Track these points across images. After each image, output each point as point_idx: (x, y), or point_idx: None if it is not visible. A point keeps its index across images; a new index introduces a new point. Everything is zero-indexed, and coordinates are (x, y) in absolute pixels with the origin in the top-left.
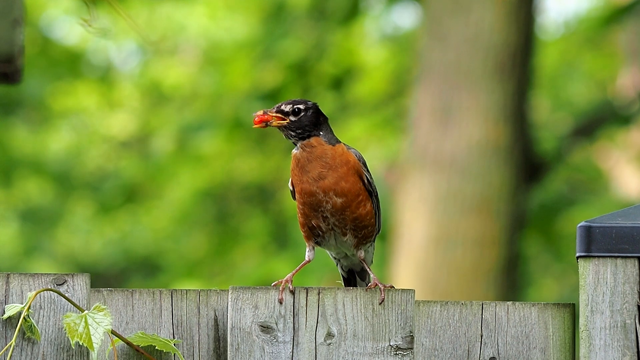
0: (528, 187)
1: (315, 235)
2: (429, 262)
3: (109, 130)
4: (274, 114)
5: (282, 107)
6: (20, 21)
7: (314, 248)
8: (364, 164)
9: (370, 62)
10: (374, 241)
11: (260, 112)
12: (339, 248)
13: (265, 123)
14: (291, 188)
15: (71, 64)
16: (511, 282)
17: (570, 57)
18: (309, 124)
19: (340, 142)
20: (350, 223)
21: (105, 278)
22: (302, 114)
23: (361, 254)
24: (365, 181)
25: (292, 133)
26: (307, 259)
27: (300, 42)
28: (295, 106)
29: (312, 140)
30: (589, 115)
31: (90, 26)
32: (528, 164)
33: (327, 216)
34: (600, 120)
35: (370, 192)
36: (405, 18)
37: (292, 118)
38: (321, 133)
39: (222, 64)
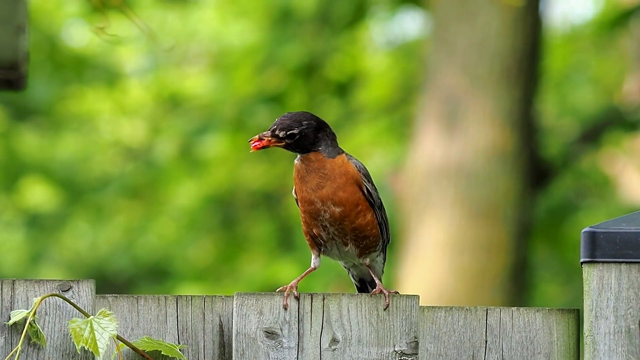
0: (535, 192)
1: (317, 244)
2: (436, 267)
3: (117, 136)
4: (269, 138)
5: (277, 133)
6: (24, 28)
7: (319, 255)
8: (365, 175)
9: (376, 68)
10: (383, 251)
11: (256, 138)
12: (343, 258)
13: (263, 147)
14: (295, 196)
15: (79, 69)
16: (518, 288)
17: (577, 62)
18: (307, 143)
19: (342, 152)
20: (350, 233)
21: (113, 284)
22: (297, 137)
23: (367, 261)
24: (366, 191)
25: (292, 151)
26: (312, 266)
27: (304, 48)
28: (289, 132)
29: (311, 155)
30: (595, 121)
31: (104, 33)
32: (535, 169)
33: (327, 225)
34: (607, 126)
35: (372, 202)
36: (411, 24)
37: (288, 141)
38: (320, 148)
39: (228, 68)
